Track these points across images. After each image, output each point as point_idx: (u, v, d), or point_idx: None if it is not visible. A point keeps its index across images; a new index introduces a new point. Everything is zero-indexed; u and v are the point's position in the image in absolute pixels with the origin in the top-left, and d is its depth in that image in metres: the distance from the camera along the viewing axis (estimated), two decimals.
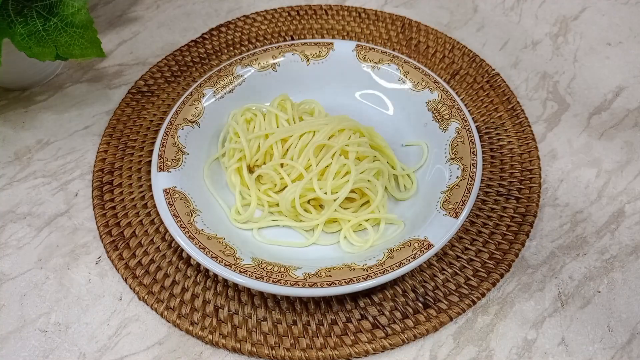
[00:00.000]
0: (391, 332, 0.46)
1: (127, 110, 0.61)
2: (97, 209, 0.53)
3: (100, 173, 0.56)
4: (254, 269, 0.45)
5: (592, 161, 0.58)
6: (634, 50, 0.68)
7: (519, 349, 0.46)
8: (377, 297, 0.48)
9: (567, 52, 0.68)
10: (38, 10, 0.54)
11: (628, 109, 0.62)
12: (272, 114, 0.56)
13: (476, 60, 0.65)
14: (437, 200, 0.50)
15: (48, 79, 0.64)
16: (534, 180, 0.55)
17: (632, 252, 0.51)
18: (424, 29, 0.68)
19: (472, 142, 0.52)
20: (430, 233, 0.47)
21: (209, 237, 0.47)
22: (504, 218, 0.52)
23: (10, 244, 0.52)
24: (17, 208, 0.54)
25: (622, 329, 0.47)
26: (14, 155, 0.58)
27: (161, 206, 0.48)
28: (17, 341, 0.46)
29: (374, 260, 0.46)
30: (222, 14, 0.72)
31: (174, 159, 0.52)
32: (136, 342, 0.46)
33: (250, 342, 0.45)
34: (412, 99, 0.58)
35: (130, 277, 0.49)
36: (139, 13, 0.72)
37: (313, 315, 0.47)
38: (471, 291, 0.48)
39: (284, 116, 0.55)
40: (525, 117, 0.60)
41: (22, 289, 0.49)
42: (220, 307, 0.48)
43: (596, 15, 0.72)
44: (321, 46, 0.61)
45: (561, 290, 0.49)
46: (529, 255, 0.51)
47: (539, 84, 0.64)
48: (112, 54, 0.67)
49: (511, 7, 0.73)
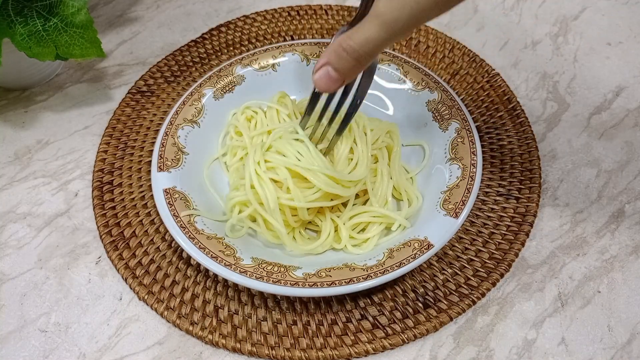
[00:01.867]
0: (391, 332, 0.46)
1: (127, 110, 0.61)
2: (97, 209, 0.53)
3: (100, 173, 0.56)
4: (254, 269, 0.45)
5: (592, 161, 0.58)
6: (634, 50, 0.68)
7: (519, 349, 0.46)
8: (377, 297, 0.48)
9: (567, 52, 0.68)
10: (38, 10, 0.54)
11: (628, 109, 0.62)
12: (272, 110, 0.56)
13: (476, 60, 0.65)
14: (437, 200, 0.50)
15: (48, 79, 0.64)
16: (534, 180, 0.55)
17: (632, 252, 0.51)
18: (424, 29, 0.68)
19: (472, 142, 0.52)
20: (430, 233, 0.47)
21: (209, 237, 0.47)
22: (504, 218, 0.52)
23: (10, 244, 0.52)
24: (17, 208, 0.54)
25: (622, 329, 0.47)
26: (14, 155, 0.58)
27: (161, 206, 0.48)
28: (17, 341, 0.46)
29: (374, 261, 0.46)
30: (222, 14, 0.72)
31: (174, 159, 0.52)
32: (136, 342, 0.46)
33: (250, 342, 0.45)
34: (412, 99, 0.58)
35: (130, 277, 0.49)
36: (139, 13, 0.72)
37: (313, 315, 0.47)
38: (471, 291, 0.48)
39: (285, 111, 0.56)
40: (525, 117, 0.60)
41: (22, 289, 0.49)
42: (220, 307, 0.48)
43: (596, 15, 0.72)
44: (321, 46, 0.61)
45: (561, 290, 0.49)
46: (529, 255, 0.51)
47: (539, 84, 0.64)
48: (112, 54, 0.67)
49: (511, 7, 0.73)
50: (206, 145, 0.56)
